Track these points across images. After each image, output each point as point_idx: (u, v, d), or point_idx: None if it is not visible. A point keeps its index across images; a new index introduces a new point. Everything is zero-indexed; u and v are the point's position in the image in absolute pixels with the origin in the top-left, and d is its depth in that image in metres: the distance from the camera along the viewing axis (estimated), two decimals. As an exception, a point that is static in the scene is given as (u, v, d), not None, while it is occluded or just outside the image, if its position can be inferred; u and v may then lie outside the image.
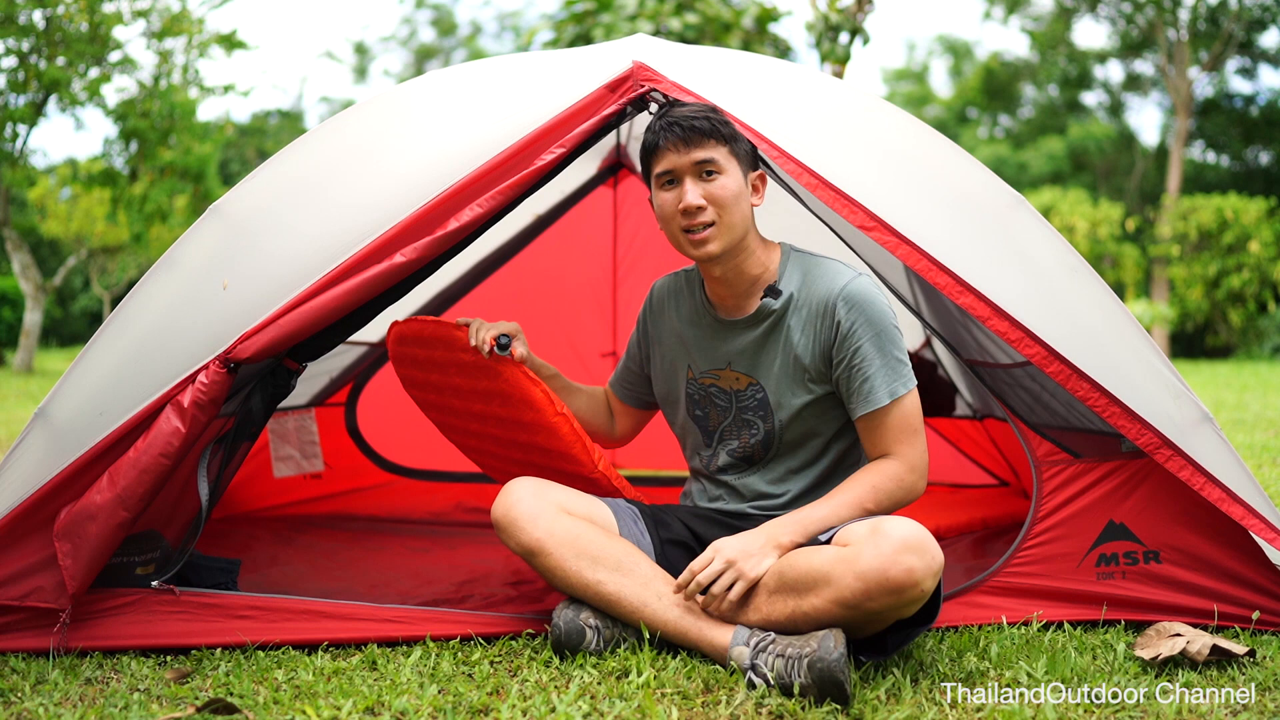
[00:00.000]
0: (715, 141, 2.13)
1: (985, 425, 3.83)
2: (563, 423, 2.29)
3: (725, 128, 2.15)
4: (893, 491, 2.13)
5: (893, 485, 2.13)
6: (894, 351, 2.14)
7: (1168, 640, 2.05)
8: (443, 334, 2.35)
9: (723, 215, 2.13)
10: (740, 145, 2.17)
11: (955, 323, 2.64)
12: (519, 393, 2.29)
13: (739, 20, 11.52)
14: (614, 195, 4.42)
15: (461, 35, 33.41)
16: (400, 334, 2.50)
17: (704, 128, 2.12)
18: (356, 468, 4.02)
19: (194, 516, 2.20)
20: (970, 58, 33.63)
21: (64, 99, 13.44)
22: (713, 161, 2.12)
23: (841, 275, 2.18)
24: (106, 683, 1.93)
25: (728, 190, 2.13)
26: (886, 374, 2.13)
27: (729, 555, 2.01)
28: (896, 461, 2.14)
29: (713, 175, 2.13)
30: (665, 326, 2.41)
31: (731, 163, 2.15)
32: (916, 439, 2.16)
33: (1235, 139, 26.48)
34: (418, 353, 2.46)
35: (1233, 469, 2.21)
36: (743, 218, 2.17)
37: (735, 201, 2.14)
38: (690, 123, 2.12)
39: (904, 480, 2.14)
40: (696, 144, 2.12)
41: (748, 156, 2.20)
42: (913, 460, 2.15)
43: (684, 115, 2.13)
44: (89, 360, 2.21)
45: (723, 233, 2.14)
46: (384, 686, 1.88)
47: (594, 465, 2.31)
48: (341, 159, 2.34)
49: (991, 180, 2.41)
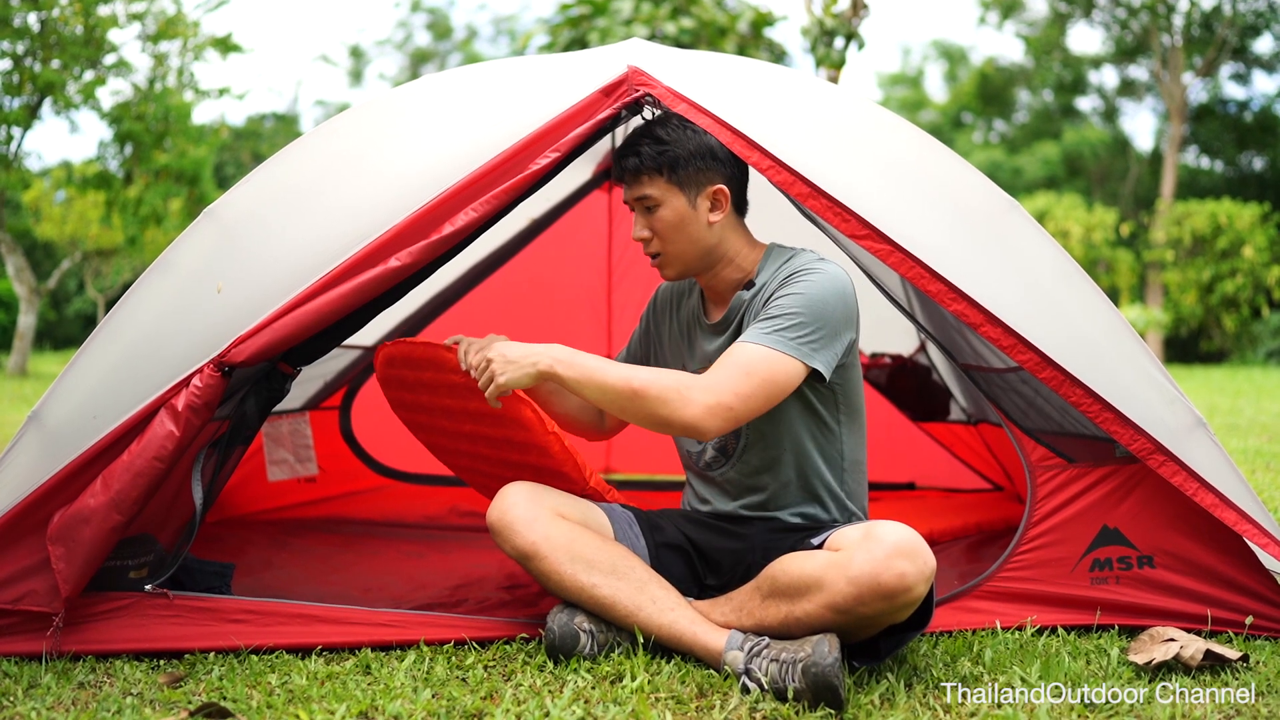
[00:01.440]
0: (649, 176, 2.15)
1: (979, 430, 3.84)
2: (554, 441, 2.29)
3: (659, 157, 2.14)
4: (665, 389, 2.00)
5: (675, 381, 2.01)
6: (805, 318, 2.04)
7: (1161, 645, 2.06)
8: (431, 355, 2.33)
9: (666, 246, 2.19)
10: (686, 169, 2.15)
11: (950, 328, 2.65)
12: (510, 412, 2.27)
13: (734, 25, 11.55)
14: (609, 200, 4.42)
15: (457, 39, 33.46)
16: (389, 356, 2.47)
17: (632, 166, 2.16)
18: (351, 471, 4.02)
19: (188, 520, 2.20)
20: (965, 63, 33.74)
21: (59, 102, 13.42)
22: (648, 197, 2.16)
23: (808, 259, 2.16)
24: (99, 687, 1.93)
25: (665, 222, 2.17)
26: (775, 326, 2.04)
27: (492, 353, 2.08)
28: (700, 379, 2.02)
29: (652, 210, 2.17)
30: (665, 329, 2.43)
31: (671, 192, 2.15)
32: (738, 376, 1.99)
33: (1229, 144, 26.58)
34: (406, 374, 2.45)
35: (1226, 474, 2.22)
36: (693, 242, 2.19)
37: (677, 231, 2.17)
38: (624, 160, 2.17)
39: (690, 386, 2.00)
40: (631, 182, 2.18)
41: (694, 178, 2.16)
42: (714, 383, 1.99)
43: (622, 152, 2.18)
44: (83, 363, 2.21)
45: (671, 260, 2.21)
46: (378, 691, 1.88)
47: (585, 482, 2.31)
48: (336, 163, 2.34)
49: (986, 185, 2.42)
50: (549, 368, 2.05)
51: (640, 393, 2.01)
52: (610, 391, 2.04)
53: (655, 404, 2.01)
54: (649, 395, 2.01)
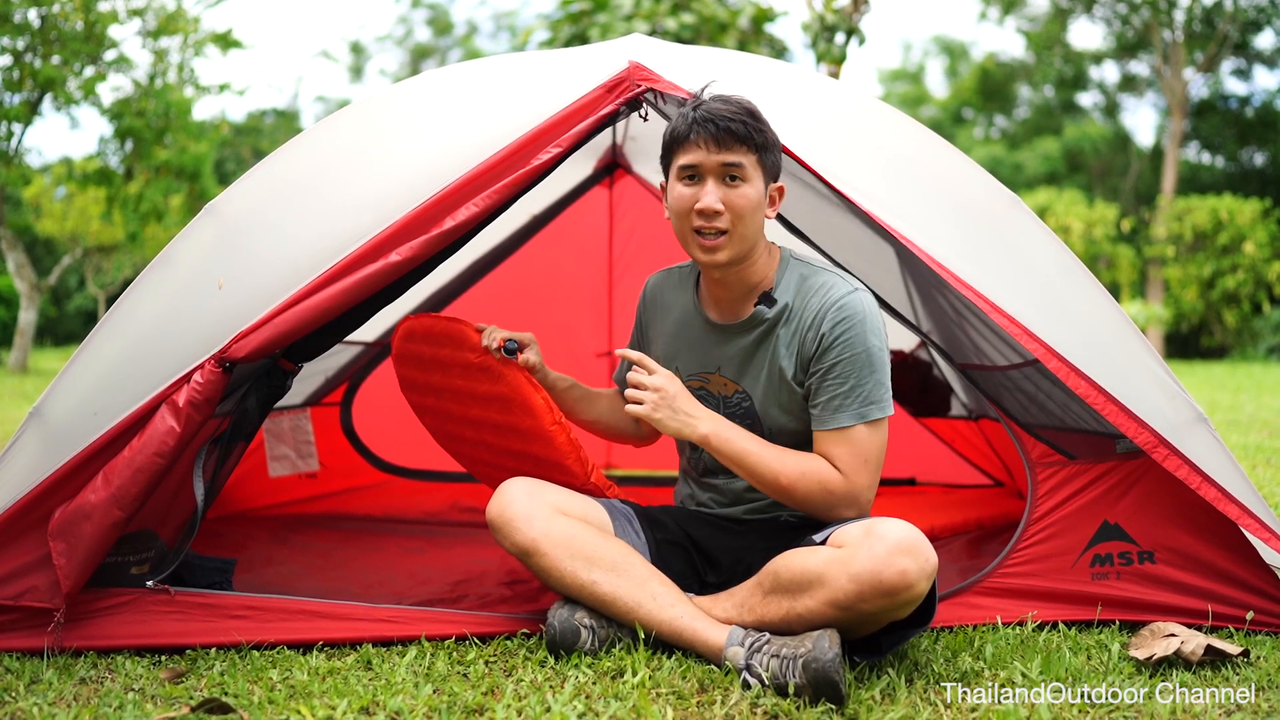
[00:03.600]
0: (747, 148, 2.05)
1: (980, 425, 3.84)
2: (559, 432, 2.28)
3: (759, 135, 2.06)
4: (814, 493, 2.07)
5: (819, 488, 2.07)
6: (875, 374, 2.07)
7: (1162, 640, 2.06)
8: (454, 331, 2.34)
9: (737, 225, 2.07)
10: (769, 156, 2.09)
11: (951, 324, 2.65)
12: (518, 397, 2.27)
13: (735, 20, 11.53)
14: (610, 195, 4.42)
15: (457, 35, 33.44)
16: (409, 330, 2.47)
17: (739, 132, 2.03)
18: (352, 467, 4.02)
19: (189, 516, 2.20)
20: (966, 58, 33.72)
21: (59, 98, 13.42)
22: (740, 167, 2.05)
23: (838, 288, 2.12)
24: (101, 682, 1.93)
25: (748, 200, 2.06)
26: (859, 397, 2.07)
27: (668, 391, 2.10)
28: (841, 477, 2.07)
29: (736, 181, 2.06)
30: (656, 325, 2.39)
31: (757, 173, 2.07)
32: (866, 472, 2.07)
33: (1230, 140, 26.55)
34: (423, 350, 2.45)
35: (1227, 469, 2.22)
36: (756, 229, 2.11)
37: (753, 213, 2.08)
38: (726, 123, 2.03)
39: (834, 494, 2.07)
40: (728, 146, 2.04)
41: (773, 168, 2.12)
42: (855, 489, 2.07)
43: (721, 113, 2.04)
44: (84, 359, 2.21)
45: (734, 242, 2.09)
46: (379, 686, 1.88)
47: (586, 476, 2.30)
48: (337, 158, 2.34)
49: (988, 181, 2.42)
50: (702, 437, 2.09)
51: (787, 491, 2.09)
52: (756, 480, 2.12)
53: (802, 503, 2.10)
54: (795, 496, 2.10)
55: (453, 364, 2.38)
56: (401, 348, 2.52)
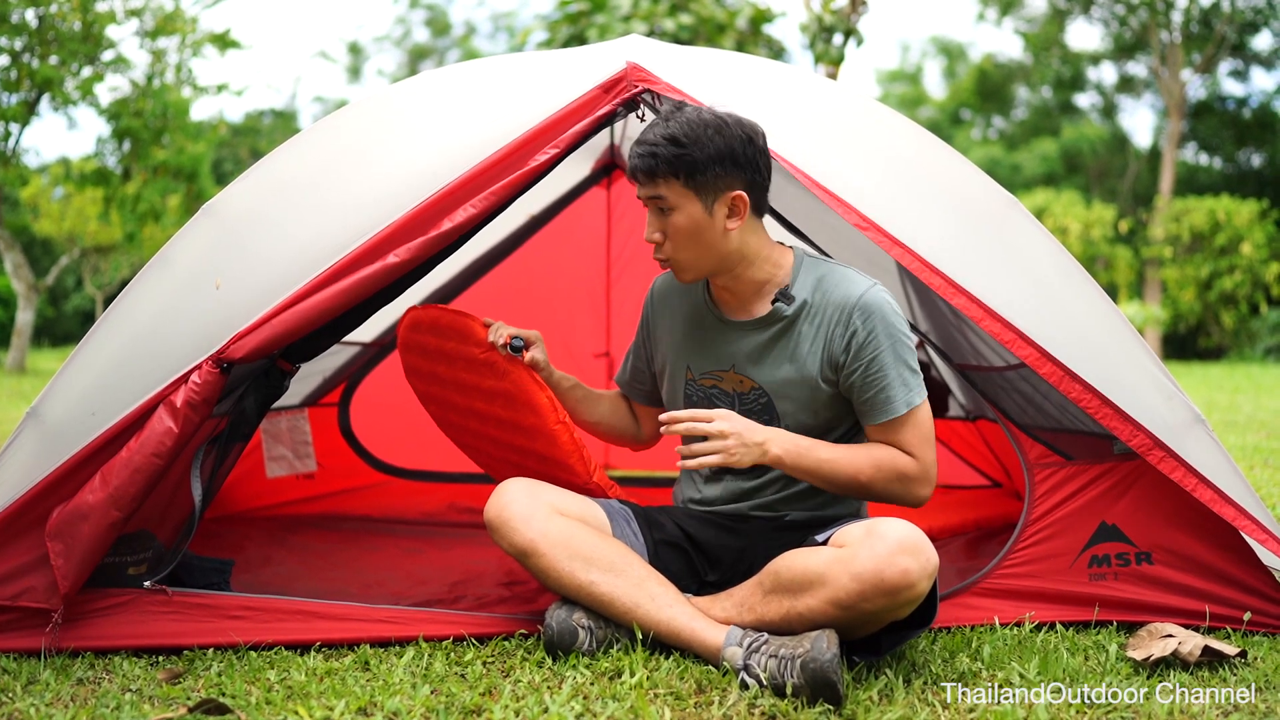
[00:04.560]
0: (666, 178, 2.04)
1: (978, 426, 3.84)
2: (563, 431, 2.28)
3: (675, 163, 2.02)
4: (891, 482, 2.12)
5: (894, 476, 2.12)
6: (909, 361, 2.11)
7: (1159, 641, 2.06)
8: (460, 325, 2.33)
9: (679, 251, 2.10)
10: (701, 176, 2.03)
11: (949, 325, 2.65)
12: (523, 395, 2.27)
13: (733, 21, 11.54)
14: (608, 196, 4.42)
15: (456, 35, 33.44)
16: (415, 320, 2.46)
17: (649, 167, 2.04)
18: (349, 468, 4.02)
19: (187, 517, 2.20)
20: (964, 59, 33.74)
21: (57, 98, 13.41)
22: (662, 199, 2.07)
23: (859, 283, 2.13)
24: (98, 683, 1.93)
25: (678, 227, 2.08)
26: (902, 385, 2.10)
27: (732, 429, 2.05)
28: (913, 460, 2.13)
29: (666, 212, 2.08)
30: (664, 325, 2.37)
31: (687, 197, 2.05)
32: (930, 447, 2.13)
33: (1228, 141, 26.57)
34: (429, 341, 2.43)
35: (1225, 471, 2.22)
36: (708, 249, 2.10)
37: (691, 238, 2.08)
38: (635, 160, 2.06)
39: (910, 477, 2.12)
40: (646, 182, 2.07)
41: (716, 183, 2.05)
42: (926, 465, 2.12)
43: (640, 149, 2.06)
44: (81, 360, 2.21)
45: (685, 266, 2.13)
46: (377, 687, 1.88)
47: (589, 476, 2.30)
48: (335, 159, 2.34)
49: (985, 182, 2.42)
50: (776, 459, 2.09)
51: (867, 487, 2.13)
52: (835, 485, 2.14)
53: (882, 495, 2.15)
54: (875, 490, 2.14)
55: (458, 357, 2.37)
56: (407, 337, 2.51)
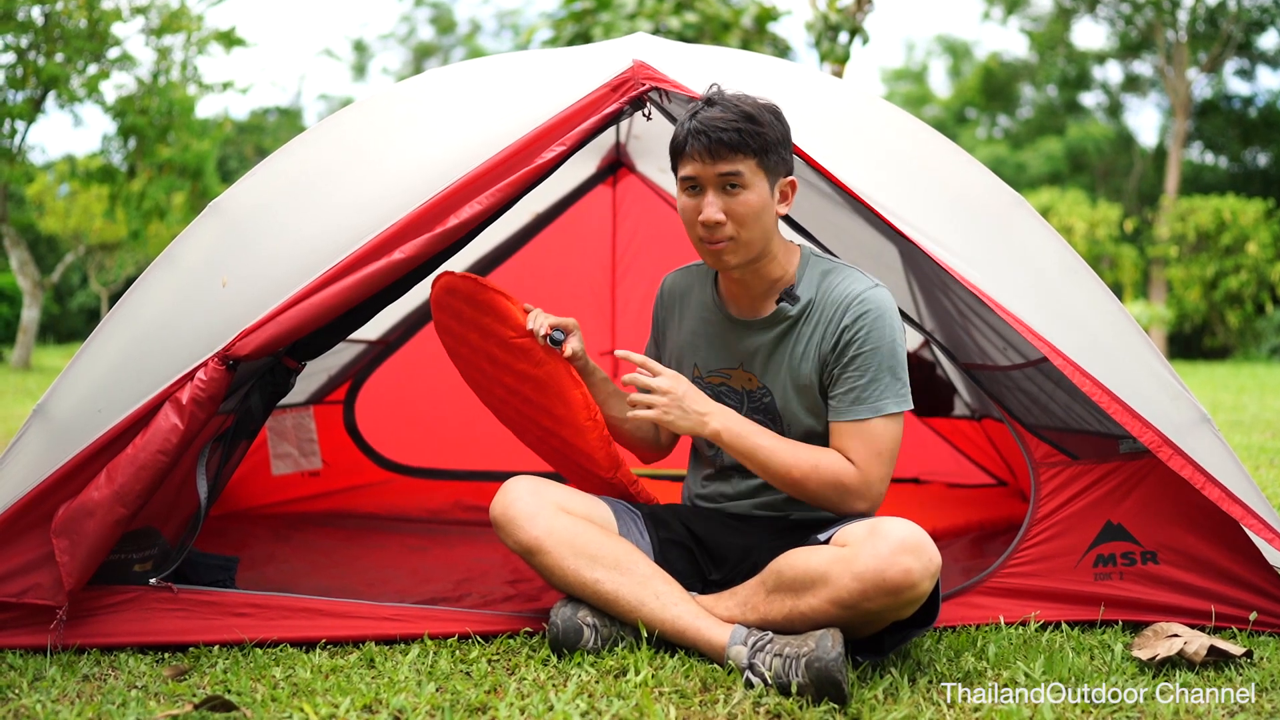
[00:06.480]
0: (743, 155, 2.02)
1: (983, 425, 3.84)
2: (593, 428, 2.25)
3: (756, 140, 2.02)
4: (825, 486, 2.07)
5: (831, 481, 2.06)
6: (893, 368, 2.07)
7: (1165, 641, 2.06)
8: (499, 306, 2.27)
9: (741, 231, 2.06)
10: (772, 157, 2.05)
11: (954, 324, 2.65)
12: (557, 387, 2.24)
13: (738, 19, 11.53)
14: (613, 194, 4.42)
15: (460, 33, 33.43)
16: (451, 286, 2.36)
17: (731, 141, 2.00)
18: (354, 465, 4.02)
19: (192, 514, 2.20)
20: (969, 58, 33.68)
21: (62, 95, 13.45)
22: (737, 175, 2.02)
23: (859, 283, 2.12)
24: (104, 680, 1.93)
25: (749, 206, 2.04)
26: (876, 390, 2.07)
27: (674, 389, 2.09)
28: (854, 470, 2.07)
29: (736, 189, 2.04)
30: (674, 322, 2.37)
31: (758, 176, 2.04)
32: (879, 465, 2.06)
33: (1233, 140, 26.52)
34: (463, 309, 2.36)
35: (1230, 470, 2.22)
36: (764, 231, 2.09)
37: (756, 217, 2.06)
38: (719, 134, 2.00)
39: (847, 488, 2.06)
40: (723, 157, 2.01)
41: (779, 166, 2.08)
42: (868, 480, 2.06)
43: (714, 124, 2.01)
44: (87, 357, 2.21)
45: (740, 248, 2.08)
46: (382, 684, 1.88)
47: (612, 471, 2.29)
48: (340, 157, 2.34)
49: (991, 181, 2.41)
50: (714, 433, 2.09)
51: (799, 484, 2.09)
52: (769, 474, 2.11)
53: (815, 498, 2.10)
54: (808, 490, 2.09)
55: (491, 334, 2.31)
56: (441, 299, 2.41)
